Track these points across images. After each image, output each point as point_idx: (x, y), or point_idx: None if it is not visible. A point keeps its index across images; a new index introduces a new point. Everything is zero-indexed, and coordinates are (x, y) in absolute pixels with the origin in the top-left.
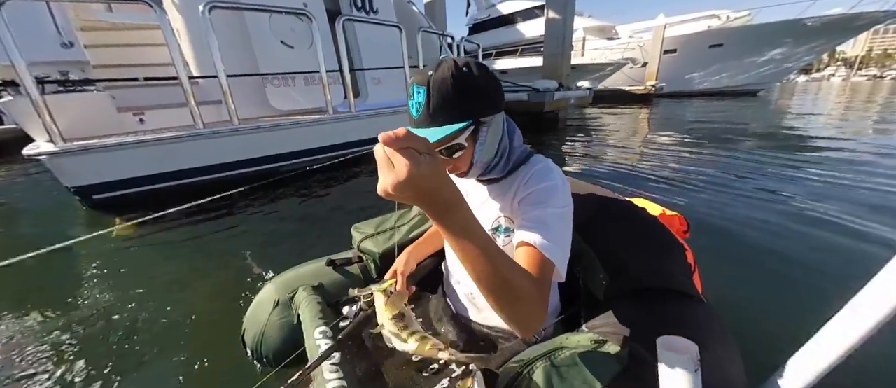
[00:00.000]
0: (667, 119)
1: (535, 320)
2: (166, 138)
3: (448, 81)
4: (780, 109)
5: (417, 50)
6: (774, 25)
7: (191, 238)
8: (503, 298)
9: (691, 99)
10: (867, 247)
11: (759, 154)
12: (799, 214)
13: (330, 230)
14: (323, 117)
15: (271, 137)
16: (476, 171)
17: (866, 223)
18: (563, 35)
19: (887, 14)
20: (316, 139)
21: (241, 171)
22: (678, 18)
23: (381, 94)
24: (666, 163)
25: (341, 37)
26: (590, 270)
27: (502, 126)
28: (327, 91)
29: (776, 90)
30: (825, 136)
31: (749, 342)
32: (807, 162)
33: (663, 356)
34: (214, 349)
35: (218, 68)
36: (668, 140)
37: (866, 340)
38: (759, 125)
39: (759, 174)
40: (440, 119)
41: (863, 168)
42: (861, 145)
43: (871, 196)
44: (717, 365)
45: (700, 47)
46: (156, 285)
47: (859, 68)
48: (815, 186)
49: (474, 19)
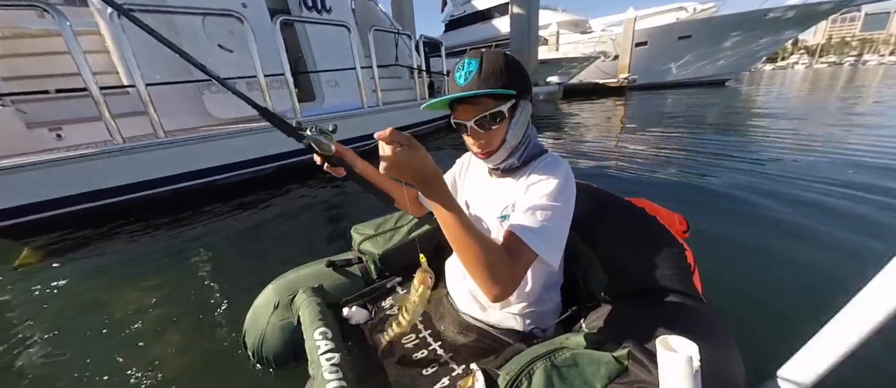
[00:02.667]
0: (643, 111)
1: (500, 286)
2: (78, 156)
3: (500, 58)
4: (750, 98)
5: (370, 49)
6: (739, 16)
7: (106, 265)
8: (472, 263)
9: (663, 90)
10: (867, 247)
11: (740, 143)
12: (798, 214)
13: (266, 249)
14: (263, 125)
15: (205, 148)
16: (503, 152)
17: (866, 223)
18: (528, 30)
19: (839, 4)
20: (256, 149)
21: (172, 186)
22: (648, 11)
23: (339, 96)
24: (649, 157)
25: (279, 37)
26: (590, 270)
27: (529, 115)
28: (267, 96)
29: (744, 79)
30: (804, 126)
31: (749, 342)
32: (794, 155)
33: (663, 356)
34: (215, 349)
35: (135, 76)
36: (649, 133)
37: (866, 340)
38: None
39: (748, 168)
40: (490, 83)
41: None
42: (847, 136)
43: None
44: (717, 365)
45: (670, 39)
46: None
47: (820, 56)
48: (814, 186)
49: (450, 16)
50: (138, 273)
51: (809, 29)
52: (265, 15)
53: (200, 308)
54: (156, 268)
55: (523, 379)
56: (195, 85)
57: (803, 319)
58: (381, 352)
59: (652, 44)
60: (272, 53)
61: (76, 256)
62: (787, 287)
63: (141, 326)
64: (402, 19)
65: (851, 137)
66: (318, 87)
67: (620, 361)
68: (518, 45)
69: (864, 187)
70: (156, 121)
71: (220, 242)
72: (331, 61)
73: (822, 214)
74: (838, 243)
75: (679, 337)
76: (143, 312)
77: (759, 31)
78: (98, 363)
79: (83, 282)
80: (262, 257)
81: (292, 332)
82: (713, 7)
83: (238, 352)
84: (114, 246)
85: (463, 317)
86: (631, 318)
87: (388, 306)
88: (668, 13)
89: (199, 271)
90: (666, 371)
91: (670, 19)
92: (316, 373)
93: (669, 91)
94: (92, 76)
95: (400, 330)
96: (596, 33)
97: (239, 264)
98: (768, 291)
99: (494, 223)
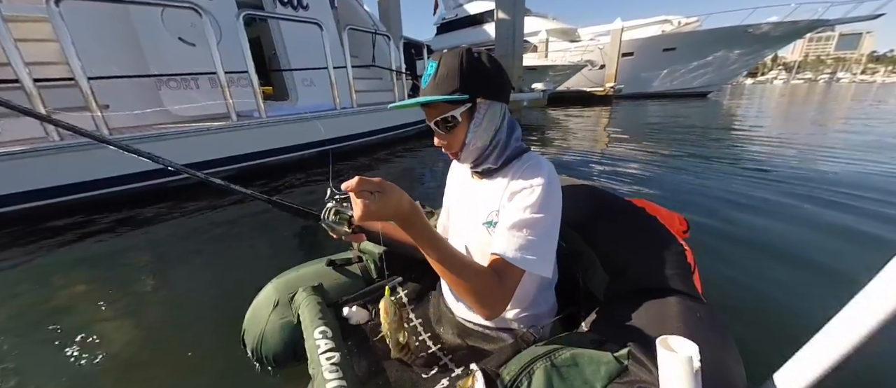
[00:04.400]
0: (631, 120)
1: (489, 309)
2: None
3: (456, 59)
4: (731, 111)
5: (343, 48)
6: (722, 31)
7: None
8: (461, 291)
9: (647, 100)
10: (867, 247)
11: (735, 149)
12: (798, 213)
13: (208, 255)
14: (223, 125)
15: (154, 148)
16: (469, 154)
17: (867, 222)
18: (512, 36)
19: (814, 23)
20: (215, 149)
21: (120, 187)
22: (634, 23)
23: (315, 96)
24: (644, 161)
25: (242, 33)
26: (590, 270)
27: (501, 117)
28: (227, 94)
29: (726, 92)
30: (793, 135)
31: (749, 342)
32: (785, 161)
33: (663, 356)
34: (215, 350)
35: (74, 67)
36: (640, 139)
37: (867, 340)
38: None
39: (744, 171)
40: (442, 88)
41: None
42: (839, 142)
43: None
44: (717, 365)
45: (655, 51)
46: None
47: (797, 72)
48: (811, 186)
49: (442, 19)
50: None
51: (788, 46)
52: (233, 8)
53: (199, 308)
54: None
55: (523, 379)
56: (153, 79)
57: (803, 319)
58: (382, 352)
59: (638, 55)
60: (243, 49)
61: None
62: (787, 287)
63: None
64: (389, 21)
65: (842, 145)
66: (291, 86)
67: (620, 361)
68: (503, 50)
69: (863, 191)
70: (98, 117)
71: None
72: (305, 60)
73: (822, 215)
74: (838, 243)
75: (679, 337)
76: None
77: (740, 46)
78: (92, 363)
79: (40, 281)
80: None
81: (292, 331)
82: (697, 21)
83: (237, 351)
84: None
85: (460, 321)
86: (631, 318)
87: None
88: (654, 25)
89: (194, 273)
90: (666, 371)
91: (656, 31)
92: (316, 373)
93: (654, 101)
94: (24, 66)
95: (396, 351)
96: (584, 42)
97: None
98: (768, 291)
99: (479, 229)
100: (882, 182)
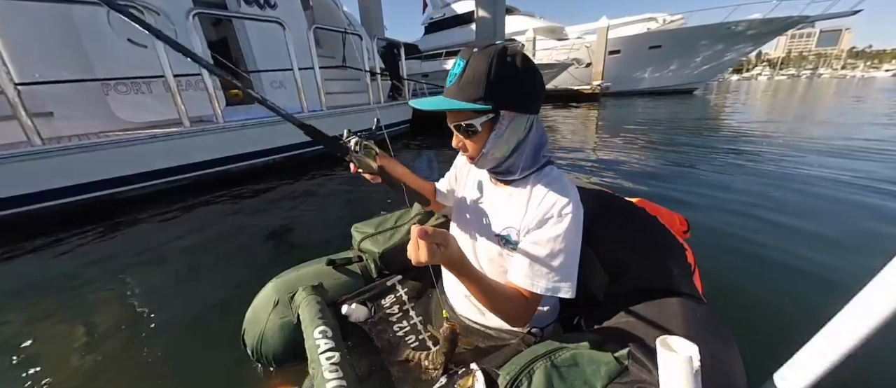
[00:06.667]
0: (620, 117)
1: (517, 324)
2: None
3: (485, 63)
4: (720, 106)
5: (309, 49)
6: (706, 28)
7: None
8: (493, 310)
9: (635, 98)
10: (867, 246)
11: (731, 146)
12: (799, 213)
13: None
14: (173, 131)
15: (98, 157)
16: (486, 161)
17: (867, 222)
18: (493, 34)
19: (795, 19)
20: (165, 157)
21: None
22: (620, 21)
23: (285, 98)
24: (640, 159)
25: (194, 33)
26: (590, 270)
27: (527, 129)
28: (178, 98)
29: (713, 89)
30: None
31: (749, 342)
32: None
33: (663, 356)
34: (215, 349)
35: None
36: (635, 136)
37: (867, 340)
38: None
39: (742, 171)
40: (464, 94)
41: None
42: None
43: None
44: (717, 365)
45: (641, 48)
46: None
47: (781, 68)
48: (808, 186)
49: (430, 19)
50: None
51: (771, 42)
52: (186, 7)
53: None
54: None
55: (523, 379)
56: (99, 83)
57: (803, 319)
58: (382, 351)
59: (624, 52)
60: (197, 50)
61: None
62: (788, 287)
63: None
64: (370, 21)
65: (838, 140)
66: (259, 88)
67: (620, 361)
68: None
69: (863, 189)
70: (28, 125)
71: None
72: (274, 61)
73: (822, 215)
74: (839, 243)
75: (679, 337)
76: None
77: (724, 42)
78: (93, 363)
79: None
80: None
81: (292, 330)
82: (682, 19)
83: (237, 351)
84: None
85: (461, 320)
86: (631, 318)
87: (388, 304)
88: (640, 23)
89: (193, 273)
90: (666, 371)
91: (641, 29)
92: (316, 372)
93: (641, 99)
94: None
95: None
96: (571, 40)
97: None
98: (768, 291)
99: (491, 238)
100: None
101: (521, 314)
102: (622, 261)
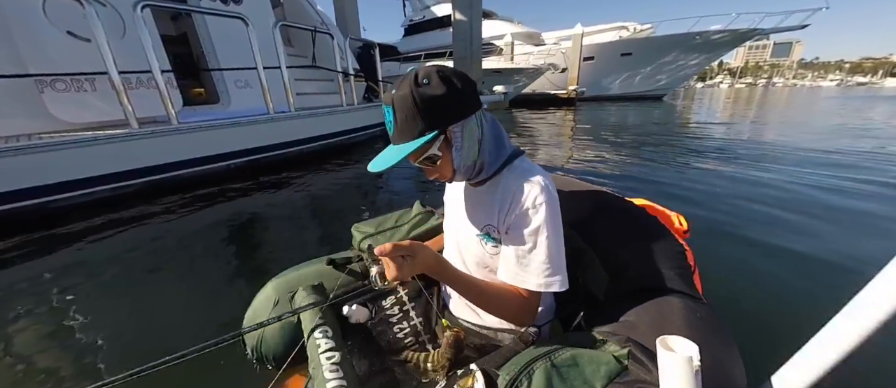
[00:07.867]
0: (597, 120)
1: (519, 324)
2: None
3: (408, 98)
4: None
5: (274, 47)
6: (673, 37)
7: None
8: (491, 312)
9: (607, 103)
10: (867, 245)
11: (723, 146)
12: (799, 213)
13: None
14: (121, 133)
15: (29, 161)
16: (462, 175)
17: (867, 223)
18: (469, 36)
19: (752, 31)
20: (111, 162)
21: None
22: (594, 28)
23: (250, 100)
24: (625, 161)
25: (143, 28)
26: (590, 269)
27: (479, 126)
28: (124, 98)
29: (680, 95)
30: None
31: (749, 342)
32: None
33: (663, 356)
34: (214, 349)
35: None
36: (613, 140)
37: (867, 340)
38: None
39: (739, 170)
40: (407, 135)
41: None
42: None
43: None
44: (717, 365)
45: (614, 55)
46: None
47: (740, 77)
48: (808, 186)
49: (409, 21)
50: None
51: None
52: None
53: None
54: None
55: (523, 379)
56: (32, 80)
57: (803, 319)
58: (382, 352)
59: (598, 59)
60: (148, 46)
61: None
62: (788, 287)
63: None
64: (345, 21)
65: (829, 143)
66: (223, 88)
67: (620, 360)
68: (461, 52)
69: (863, 191)
70: None
71: None
72: (238, 59)
73: (821, 214)
74: (839, 242)
75: (679, 337)
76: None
77: (689, 51)
78: (94, 361)
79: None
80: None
81: (292, 331)
82: (651, 28)
83: (237, 351)
84: None
85: (459, 322)
86: (631, 318)
87: (388, 305)
88: (612, 31)
89: (193, 273)
90: (666, 371)
91: (614, 37)
92: (316, 372)
93: (614, 103)
94: None
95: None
96: (547, 46)
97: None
98: (768, 291)
99: (473, 238)
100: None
101: (522, 313)
102: (622, 260)
